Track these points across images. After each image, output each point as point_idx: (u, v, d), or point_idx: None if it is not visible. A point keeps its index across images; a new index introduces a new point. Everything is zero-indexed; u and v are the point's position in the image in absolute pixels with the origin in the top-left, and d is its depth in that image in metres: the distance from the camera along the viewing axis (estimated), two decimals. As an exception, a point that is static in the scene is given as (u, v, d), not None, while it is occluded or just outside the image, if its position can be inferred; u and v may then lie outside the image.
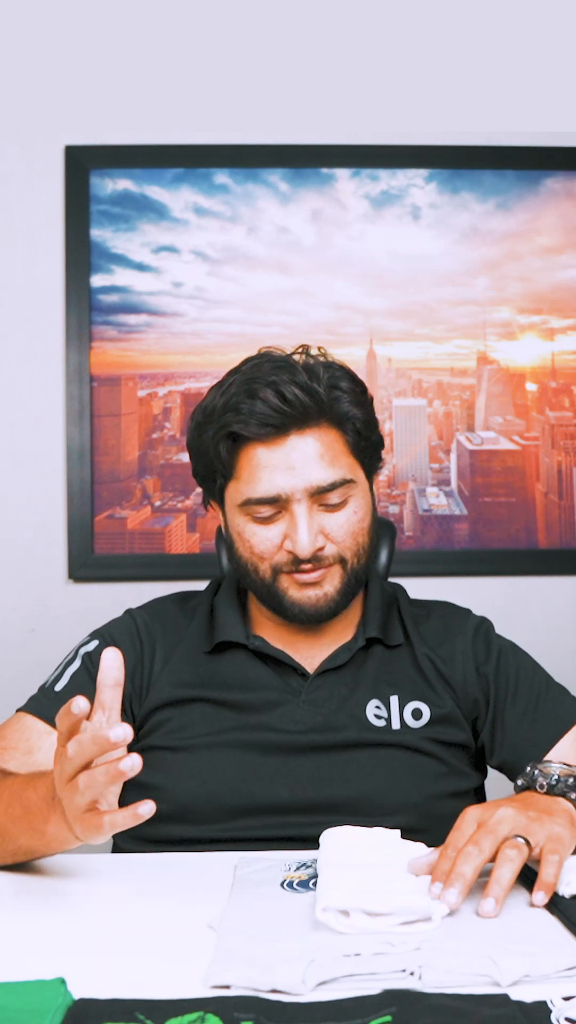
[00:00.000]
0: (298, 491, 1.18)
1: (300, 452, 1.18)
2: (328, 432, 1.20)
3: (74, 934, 0.87)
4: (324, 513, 1.20)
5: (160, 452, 2.44)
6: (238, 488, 1.21)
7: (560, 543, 2.45)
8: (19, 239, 2.42)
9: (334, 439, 1.21)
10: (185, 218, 2.44)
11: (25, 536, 2.38)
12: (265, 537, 1.21)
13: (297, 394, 1.17)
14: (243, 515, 1.22)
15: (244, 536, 1.22)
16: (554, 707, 1.25)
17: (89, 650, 1.28)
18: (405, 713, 1.24)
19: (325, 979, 0.73)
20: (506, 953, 0.76)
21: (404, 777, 1.20)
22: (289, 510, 1.19)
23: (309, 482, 1.18)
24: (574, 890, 0.90)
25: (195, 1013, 0.67)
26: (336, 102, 2.40)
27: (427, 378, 2.48)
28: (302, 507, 1.18)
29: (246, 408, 1.17)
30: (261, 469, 1.19)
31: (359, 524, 1.23)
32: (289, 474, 1.18)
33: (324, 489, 1.18)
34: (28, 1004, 0.68)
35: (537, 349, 2.48)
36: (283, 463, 1.18)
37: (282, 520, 1.20)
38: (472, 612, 1.36)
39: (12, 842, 1.02)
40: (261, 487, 1.19)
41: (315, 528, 1.19)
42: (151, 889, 1.00)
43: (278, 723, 1.21)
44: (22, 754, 1.19)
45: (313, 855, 1.02)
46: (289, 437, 1.18)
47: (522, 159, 2.47)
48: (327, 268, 2.46)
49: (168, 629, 1.31)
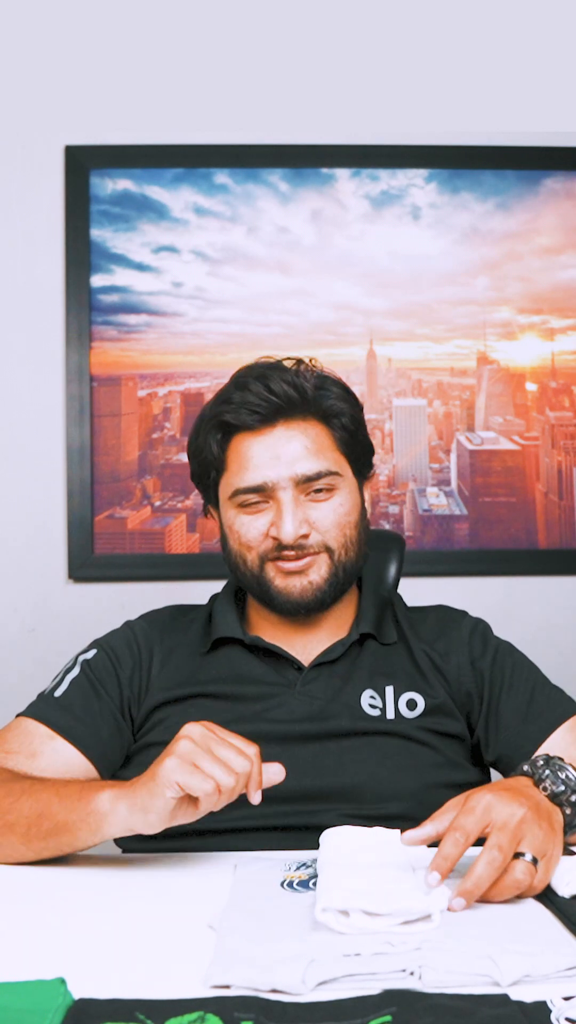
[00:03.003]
0: (283, 479, 1.22)
1: (286, 442, 1.23)
2: (315, 426, 1.26)
3: (74, 934, 0.87)
4: (310, 503, 1.24)
5: (160, 452, 2.44)
6: (228, 480, 1.26)
7: (560, 543, 2.45)
8: (19, 239, 2.42)
9: (320, 433, 1.26)
10: (185, 218, 2.44)
11: (25, 536, 2.38)
12: (252, 526, 1.24)
13: (284, 387, 1.23)
14: (233, 507, 1.26)
15: (234, 528, 1.26)
16: (547, 703, 1.26)
17: (88, 658, 1.30)
18: (400, 703, 1.25)
19: (325, 979, 0.73)
20: (506, 953, 0.76)
21: (399, 765, 1.21)
22: (275, 498, 1.23)
23: (294, 471, 1.22)
24: (574, 890, 0.90)
25: (195, 1013, 0.67)
26: (336, 102, 2.40)
27: (427, 378, 2.48)
28: (287, 494, 1.22)
29: (236, 398, 1.24)
30: (249, 459, 1.24)
31: (345, 517, 1.26)
32: (275, 463, 1.23)
33: (309, 478, 1.23)
34: (28, 1004, 0.68)
35: (537, 349, 2.48)
36: (270, 453, 1.23)
37: (269, 510, 1.24)
38: (469, 613, 1.38)
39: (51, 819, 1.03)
40: (248, 476, 1.23)
41: (300, 516, 1.22)
42: (151, 889, 1.00)
43: (274, 714, 1.23)
44: (25, 758, 1.20)
45: (313, 855, 1.02)
46: (276, 427, 1.24)
47: (522, 159, 2.47)
48: (327, 268, 2.46)
49: (165, 635, 1.34)
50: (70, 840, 1.03)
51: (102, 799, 1.00)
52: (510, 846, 0.90)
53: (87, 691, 1.26)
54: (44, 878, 1.03)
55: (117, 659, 1.30)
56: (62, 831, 1.03)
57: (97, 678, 1.28)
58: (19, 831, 1.05)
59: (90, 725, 1.24)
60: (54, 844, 1.04)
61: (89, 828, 1.01)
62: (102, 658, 1.30)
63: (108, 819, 1.00)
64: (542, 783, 1.00)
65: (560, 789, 0.99)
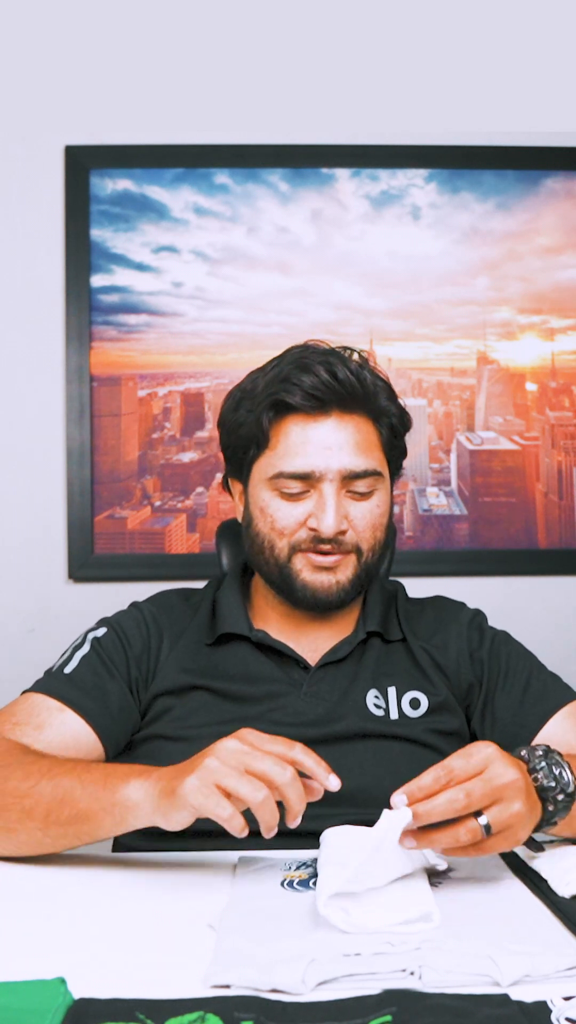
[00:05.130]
0: (331, 471, 1.20)
1: (338, 434, 1.21)
2: (366, 423, 1.24)
3: (74, 934, 0.87)
4: (350, 500, 1.23)
5: (160, 452, 2.44)
6: (271, 460, 1.23)
7: (560, 543, 2.44)
8: (19, 239, 2.42)
9: (370, 430, 1.25)
10: (185, 218, 2.44)
11: (25, 536, 2.38)
12: (289, 513, 1.22)
13: (348, 375, 1.20)
14: (270, 489, 1.23)
15: (267, 511, 1.24)
16: (544, 690, 1.26)
17: (98, 635, 1.29)
18: (403, 703, 1.25)
19: (325, 979, 0.73)
20: (506, 953, 0.76)
21: (404, 769, 1.20)
22: (318, 489, 1.21)
23: (343, 465, 1.21)
24: (574, 890, 0.90)
25: (195, 1013, 0.67)
26: (336, 102, 2.40)
27: (427, 378, 2.48)
28: (332, 487, 1.21)
29: (296, 379, 1.20)
30: (298, 443, 1.21)
31: (380, 518, 1.25)
32: (325, 453, 1.21)
33: (356, 475, 1.22)
34: (28, 1004, 0.68)
35: (537, 349, 2.48)
36: (321, 441, 1.21)
37: (309, 499, 1.22)
38: (466, 604, 1.38)
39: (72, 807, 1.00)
40: (296, 461, 1.21)
41: (342, 511, 1.21)
42: (151, 889, 1.00)
43: (279, 715, 1.22)
44: (33, 729, 1.19)
45: (313, 855, 1.02)
46: (331, 416, 1.22)
47: (522, 159, 2.47)
48: (327, 268, 2.46)
49: (174, 619, 1.33)
50: (91, 829, 1.00)
51: (131, 789, 0.98)
52: (480, 800, 0.89)
53: (98, 667, 1.25)
54: (44, 878, 1.02)
55: (127, 638, 1.28)
56: (84, 819, 1.00)
57: (108, 656, 1.26)
58: (38, 817, 1.02)
59: (100, 701, 1.22)
60: (73, 832, 1.01)
61: (114, 819, 0.99)
62: (112, 637, 1.29)
63: (135, 812, 0.97)
64: (535, 773, 0.98)
65: (551, 784, 0.97)
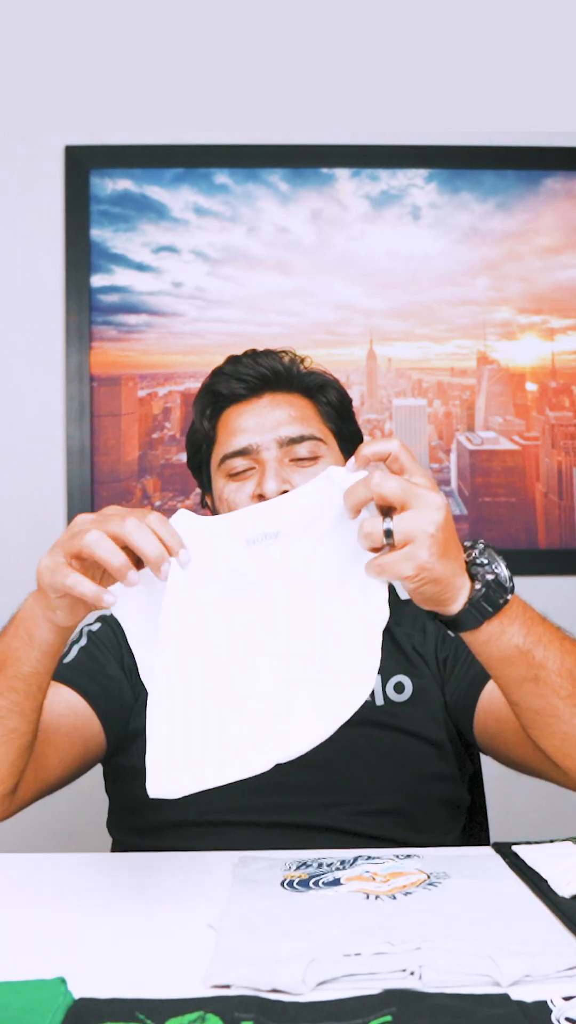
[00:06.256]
0: (267, 440, 1.26)
1: (273, 410, 1.29)
2: (300, 399, 1.32)
3: (74, 934, 0.87)
4: (294, 467, 1.26)
5: (160, 452, 2.44)
6: (217, 451, 1.31)
7: (560, 543, 2.45)
8: (19, 239, 2.42)
9: (305, 405, 1.31)
10: (185, 218, 2.44)
11: (25, 536, 2.38)
12: (240, 492, 1.27)
13: (272, 362, 1.32)
14: (222, 476, 1.29)
15: (223, 496, 1.28)
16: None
17: (93, 629, 1.33)
18: (388, 688, 1.27)
19: (325, 979, 0.73)
20: (506, 953, 0.76)
21: (390, 759, 1.22)
22: (260, 460, 1.26)
23: (278, 433, 1.26)
24: (574, 890, 0.90)
25: (195, 1013, 0.67)
26: (336, 102, 2.40)
27: (427, 378, 2.48)
28: (271, 454, 1.25)
29: (227, 369, 1.33)
30: (236, 426, 1.29)
31: None
32: (260, 428, 1.27)
33: (293, 440, 1.26)
34: (28, 1004, 0.68)
35: (537, 349, 2.48)
36: (256, 417, 1.28)
37: (255, 475, 1.26)
38: None
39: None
40: (234, 441, 1.27)
41: (282, 475, 1.24)
42: (151, 889, 1.00)
43: None
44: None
45: (313, 854, 1.02)
46: (263, 397, 1.30)
47: (522, 159, 2.47)
48: (327, 268, 2.46)
49: None
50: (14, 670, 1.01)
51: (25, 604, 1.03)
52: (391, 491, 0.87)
53: (95, 655, 1.29)
54: (44, 878, 1.02)
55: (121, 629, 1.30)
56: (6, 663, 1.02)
57: (103, 644, 1.30)
58: None
59: (99, 683, 1.25)
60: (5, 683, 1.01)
61: (22, 641, 1.00)
62: (106, 628, 1.33)
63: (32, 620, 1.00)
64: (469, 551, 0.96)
65: (483, 561, 0.95)
